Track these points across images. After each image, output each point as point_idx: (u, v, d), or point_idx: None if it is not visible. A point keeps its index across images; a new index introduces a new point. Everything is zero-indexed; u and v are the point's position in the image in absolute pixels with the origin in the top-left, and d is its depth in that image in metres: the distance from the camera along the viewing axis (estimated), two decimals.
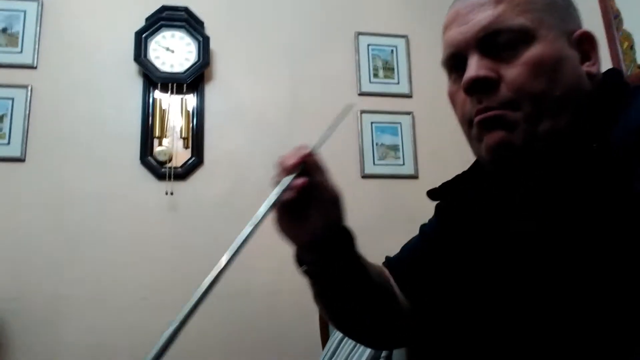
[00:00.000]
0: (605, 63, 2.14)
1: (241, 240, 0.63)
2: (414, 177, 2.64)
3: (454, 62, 0.74)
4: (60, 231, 2.28)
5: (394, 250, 0.96)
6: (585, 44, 0.73)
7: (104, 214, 2.33)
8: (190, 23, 2.54)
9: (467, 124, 0.74)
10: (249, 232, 0.64)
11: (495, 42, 0.69)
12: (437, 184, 0.87)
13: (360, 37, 2.78)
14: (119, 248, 2.31)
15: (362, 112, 2.66)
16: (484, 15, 0.70)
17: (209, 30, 2.58)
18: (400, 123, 2.70)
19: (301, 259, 0.78)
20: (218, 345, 2.27)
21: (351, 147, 2.62)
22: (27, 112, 2.35)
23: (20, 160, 2.31)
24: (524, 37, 0.68)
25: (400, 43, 2.82)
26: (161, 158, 2.41)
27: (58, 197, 2.31)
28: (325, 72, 2.70)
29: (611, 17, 2.01)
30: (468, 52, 0.71)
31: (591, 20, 2.09)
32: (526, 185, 0.71)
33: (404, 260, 0.92)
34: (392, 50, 2.81)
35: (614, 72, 0.74)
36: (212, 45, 2.54)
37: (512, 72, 0.68)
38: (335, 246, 0.75)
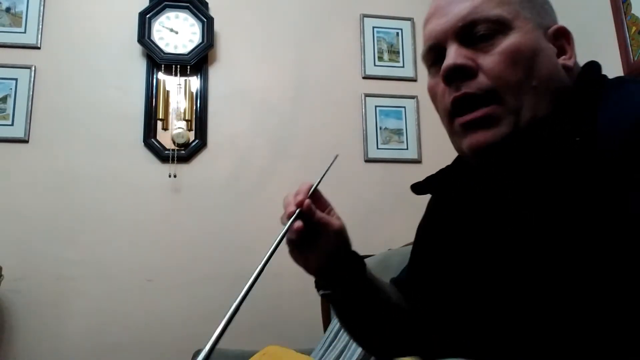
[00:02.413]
0: (613, 48, 2.10)
1: (252, 279, 0.67)
2: (418, 161, 2.63)
3: (433, 55, 0.76)
4: (63, 212, 2.29)
5: (395, 234, 0.96)
6: (561, 39, 0.75)
7: (107, 196, 2.34)
8: (195, 4, 2.51)
9: (447, 116, 0.74)
10: (260, 268, 0.70)
11: (473, 32, 0.71)
12: (440, 169, 0.87)
13: (366, 19, 2.75)
14: (122, 230, 2.32)
15: (366, 95, 2.65)
16: (462, 7, 0.72)
17: (213, 11, 2.56)
18: (404, 107, 2.68)
19: (319, 285, 0.83)
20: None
21: (355, 131, 2.61)
22: (31, 92, 2.35)
23: (23, 141, 2.31)
24: (500, 28, 0.70)
25: (406, 26, 2.79)
26: (179, 141, 2.41)
27: (61, 178, 2.32)
28: (329, 55, 2.68)
29: (620, 1, 1.99)
30: (447, 42, 0.72)
31: (599, 4, 2.07)
32: (508, 180, 0.72)
33: (404, 276, 0.95)
34: (397, 33, 2.78)
35: (592, 65, 0.75)
36: (217, 26, 2.53)
37: (490, 61, 0.69)
38: (344, 272, 0.80)
